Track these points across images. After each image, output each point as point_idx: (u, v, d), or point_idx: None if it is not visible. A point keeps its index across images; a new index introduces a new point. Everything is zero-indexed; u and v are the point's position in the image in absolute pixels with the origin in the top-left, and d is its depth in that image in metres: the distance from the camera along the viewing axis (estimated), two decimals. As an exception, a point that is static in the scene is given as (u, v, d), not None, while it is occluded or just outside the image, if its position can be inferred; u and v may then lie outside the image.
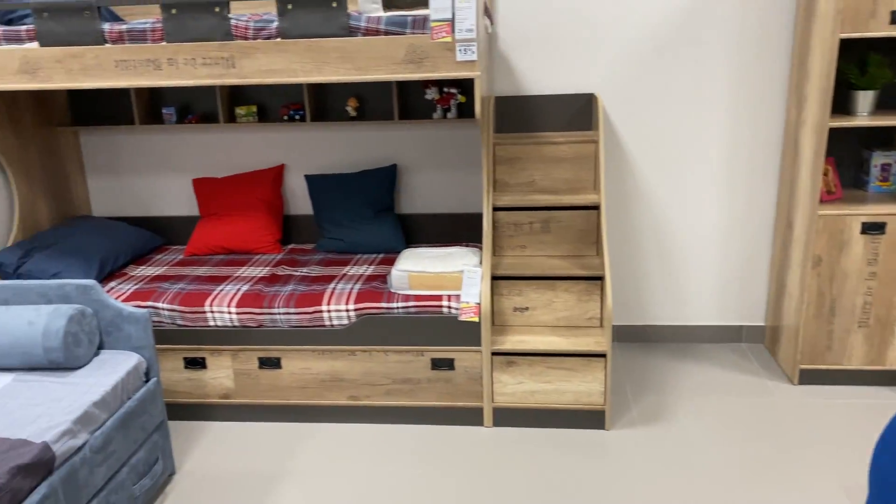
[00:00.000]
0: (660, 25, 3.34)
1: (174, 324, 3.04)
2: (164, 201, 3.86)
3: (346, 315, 2.96)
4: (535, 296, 3.05)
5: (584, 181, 3.29)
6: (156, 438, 2.60)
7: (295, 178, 3.75)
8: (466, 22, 2.56)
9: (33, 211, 3.44)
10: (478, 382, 2.98)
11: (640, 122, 3.47)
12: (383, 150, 3.64)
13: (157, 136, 3.76)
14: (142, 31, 2.70)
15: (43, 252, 3.21)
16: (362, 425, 3.07)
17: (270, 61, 2.67)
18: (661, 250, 3.63)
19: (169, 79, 2.71)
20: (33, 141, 3.44)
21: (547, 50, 3.41)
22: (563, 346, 2.91)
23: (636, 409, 3.13)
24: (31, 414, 2.16)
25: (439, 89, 3.41)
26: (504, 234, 3.21)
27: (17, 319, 2.42)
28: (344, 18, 2.61)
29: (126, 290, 3.12)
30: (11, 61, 2.75)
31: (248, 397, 3.10)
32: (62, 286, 2.54)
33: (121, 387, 2.41)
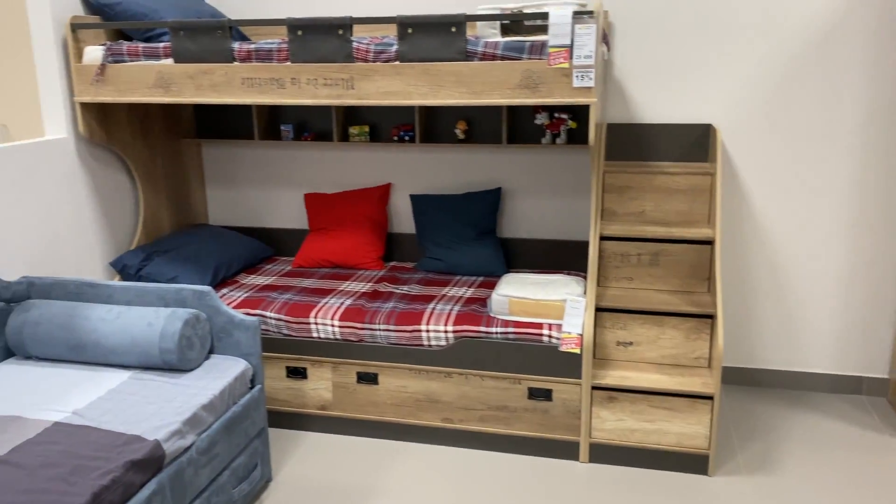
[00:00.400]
0: (787, 57, 3.19)
1: (280, 333, 3.12)
2: (276, 214, 4.00)
3: (445, 336, 2.96)
4: (640, 330, 2.95)
5: (698, 214, 3.17)
6: (256, 444, 2.67)
7: (401, 197, 3.81)
8: (585, 48, 2.53)
9: (156, 217, 3.64)
10: (575, 416, 2.90)
11: (761, 155, 3.32)
12: (489, 172, 3.64)
13: (274, 152, 3.91)
14: (268, 51, 2.82)
15: (162, 256, 3.38)
16: (454, 448, 3.05)
17: (388, 83, 2.72)
18: (776, 290, 3.45)
19: (291, 97, 2.82)
20: (160, 151, 3.65)
21: (664, 78, 3.33)
22: (669, 385, 2.79)
23: (742, 455, 2.96)
24: (145, 412, 2.26)
25: (550, 114, 3.39)
26: (610, 265, 3.13)
27: (139, 320, 2.55)
28: (462, 43, 2.63)
29: (237, 298, 3.24)
30: (149, 76, 2.93)
31: (344, 410, 3.14)
32: (180, 291, 2.66)
33: (228, 392, 2.49)
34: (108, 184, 3.36)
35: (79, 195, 3.18)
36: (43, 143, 2.99)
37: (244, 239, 3.79)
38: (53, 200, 3.04)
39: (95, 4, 3.13)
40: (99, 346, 2.55)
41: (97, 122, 3.19)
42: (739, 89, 3.27)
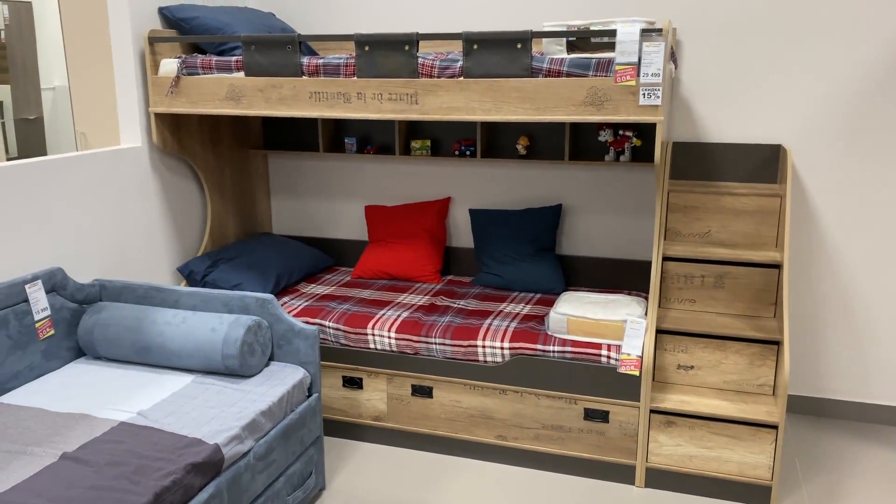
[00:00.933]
0: (861, 79, 3.08)
1: (337, 342, 3.16)
2: (338, 224, 4.06)
3: (500, 352, 2.94)
4: (702, 354, 2.88)
5: (766, 237, 3.08)
6: (311, 453, 2.70)
7: (460, 212, 3.82)
8: (653, 66, 2.50)
9: (222, 225, 3.74)
10: (632, 439, 2.84)
11: (833, 178, 3.21)
12: (549, 189, 3.62)
13: (337, 164, 3.97)
14: (336, 66, 2.87)
15: (228, 263, 3.46)
16: (508, 467, 3.02)
17: (452, 99, 2.74)
18: (846, 318, 3.32)
19: (356, 112, 2.86)
20: (229, 161, 3.75)
21: (732, 97, 3.26)
22: (731, 412, 2.71)
23: (806, 489, 2.85)
24: (206, 415, 2.32)
25: (614, 132, 3.35)
26: (672, 286, 3.07)
27: (203, 325, 2.61)
28: (527, 59, 2.63)
29: (297, 306, 3.29)
30: (221, 88, 3.02)
31: (398, 422, 3.15)
32: (243, 298, 2.72)
33: (286, 399, 2.53)
34: (178, 192, 3.48)
35: (150, 202, 3.29)
36: (118, 152, 3.11)
37: (306, 249, 3.86)
38: (126, 207, 3.15)
39: (172, 18, 3.25)
40: (164, 349, 2.63)
41: (170, 133, 3.30)
42: (811, 108, 3.18)
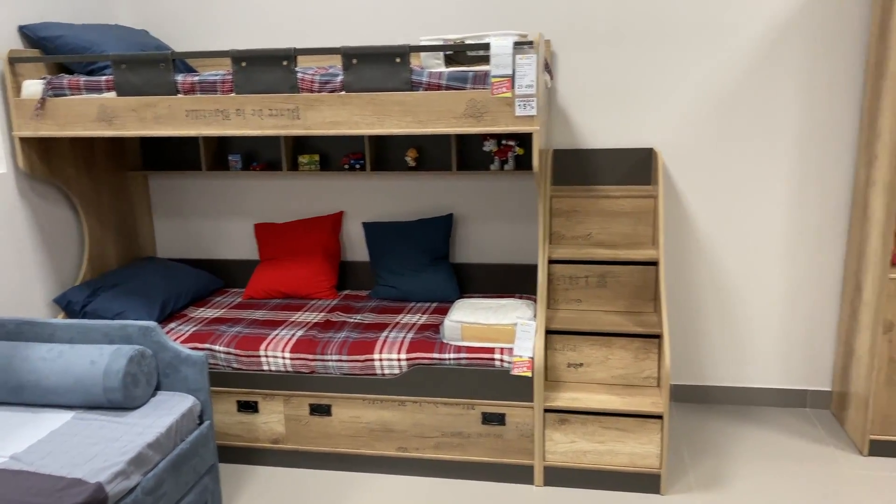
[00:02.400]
0: (722, 82, 3.30)
1: (229, 367, 3.08)
2: (226, 245, 3.96)
3: (398, 364, 2.95)
4: (590, 352, 2.99)
5: (643, 236, 3.24)
6: (206, 482, 2.62)
7: (353, 225, 3.81)
8: (526, 78, 2.58)
9: (102, 251, 3.57)
10: (529, 439, 2.92)
11: (702, 178, 3.41)
12: (440, 199, 3.67)
13: (223, 182, 3.88)
14: (212, 83, 2.81)
15: (109, 291, 3.31)
16: (410, 478, 3.03)
17: (334, 113, 2.74)
18: (721, 309, 3.53)
19: (236, 129, 2.81)
20: (106, 184, 3.59)
21: (606, 104, 3.41)
22: (619, 406, 2.83)
23: (693, 473, 3.01)
24: (87, 453, 2.21)
25: (498, 141, 3.44)
26: (559, 288, 3.18)
27: (81, 359, 2.49)
28: (406, 73, 2.67)
29: (185, 332, 3.18)
30: (91, 109, 2.89)
31: (298, 443, 3.10)
32: (124, 327, 2.61)
33: (175, 429, 2.44)
34: (52, 219, 3.29)
35: (20, 232, 3.10)
36: (-20, 180, 2.92)
37: (193, 271, 3.74)
38: (-8, 237, 2.97)
39: (34, 38, 3.09)
40: (39, 386, 2.48)
41: (38, 157, 3.13)
42: (679, 113, 3.37)
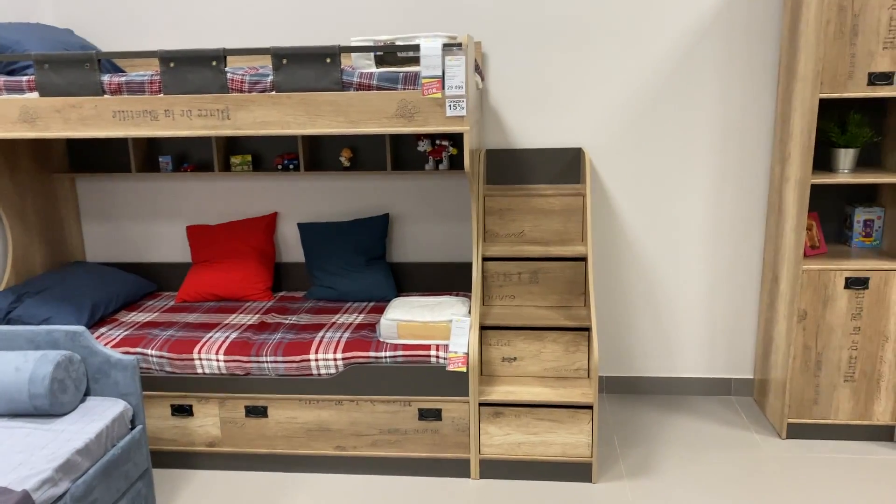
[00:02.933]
0: (646, 83, 3.43)
1: (162, 370, 3.04)
2: (158, 248, 3.89)
3: (334, 364, 2.97)
4: (523, 346, 3.06)
5: (573, 233, 3.34)
6: (139, 487, 2.59)
7: (288, 226, 3.80)
8: (456, 79, 2.63)
9: (27, 256, 3.47)
10: (465, 433, 2.97)
11: (628, 176, 3.54)
12: (376, 199, 3.70)
13: (153, 184, 3.82)
14: (140, 83, 2.77)
15: (34, 297, 3.22)
16: (349, 476, 3.05)
17: (265, 113, 2.73)
18: (649, 302, 3.66)
19: (165, 129, 2.78)
20: (30, 187, 3.49)
21: (536, 105, 3.50)
22: (550, 397, 2.91)
23: (623, 462, 3.11)
24: (12, 461, 2.16)
25: (432, 141, 3.48)
26: (493, 284, 3.24)
27: (5, 366, 2.43)
28: (337, 73, 2.69)
29: (116, 336, 3.13)
30: (12, 110, 2.81)
31: (234, 446, 3.08)
32: (51, 332, 2.56)
33: (105, 434, 2.41)
34: (-29, 223, 3.19)
35: (-63, 236, 3.00)
36: None
37: (124, 275, 3.67)
38: None
39: (-49, 36, 2.99)
40: (-39, 395, 2.41)
41: (-44, 159, 3.02)
42: (604, 114, 3.48)
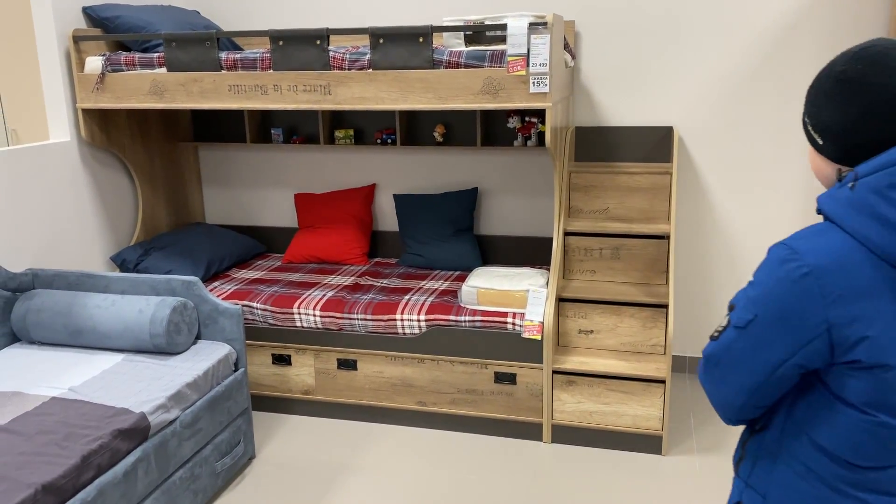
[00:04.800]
0: (743, 62, 3.39)
1: (266, 322, 3.35)
2: (268, 213, 4.24)
3: (418, 325, 3.17)
4: (599, 319, 3.15)
5: (659, 211, 3.37)
6: (239, 423, 2.90)
7: (384, 197, 4.03)
8: (540, 57, 2.74)
9: (154, 215, 3.88)
10: (538, 398, 3.11)
11: (719, 155, 3.51)
12: (466, 174, 3.86)
13: (266, 154, 4.15)
14: (252, 60, 3.05)
15: (159, 251, 3.62)
16: (428, 430, 3.26)
17: (362, 89, 2.95)
18: (734, 282, 3.63)
19: (273, 103, 3.05)
20: (158, 154, 3.90)
21: (628, 83, 3.54)
22: (623, 370, 2.99)
23: (696, 437, 3.15)
24: (134, 388, 2.50)
25: (521, 119, 3.60)
26: (574, 259, 3.34)
27: (131, 307, 2.78)
28: (429, 52, 2.85)
29: (227, 290, 3.47)
30: (144, 83, 3.17)
31: (326, 395, 3.36)
32: (170, 281, 2.90)
33: (211, 373, 2.72)
34: (110, 184, 3.61)
35: (81, 195, 3.43)
36: (47, 147, 3.24)
37: (237, 236, 4.03)
38: (57, 199, 3.29)
39: (96, 18, 3.38)
40: (95, 331, 2.79)
41: (98, 127, 3.44)
42: (698, 92, 3.47)
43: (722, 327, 1.21)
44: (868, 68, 1.09)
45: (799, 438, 1.18)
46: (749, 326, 1.15)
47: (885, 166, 1.06)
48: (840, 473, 1.14)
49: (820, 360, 1.11)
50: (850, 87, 1.10)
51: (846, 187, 1.11)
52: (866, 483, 1.13)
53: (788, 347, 1.11)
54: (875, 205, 1.06)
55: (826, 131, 1.15)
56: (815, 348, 1.10)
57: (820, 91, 1.15)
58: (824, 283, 1.07)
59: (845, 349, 1.08)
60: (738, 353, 1.17)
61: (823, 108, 1.14)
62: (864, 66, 1.09)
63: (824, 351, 1.10)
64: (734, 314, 1.18)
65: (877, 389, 1.08)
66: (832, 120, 1.13)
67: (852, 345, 1.07)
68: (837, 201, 1.11)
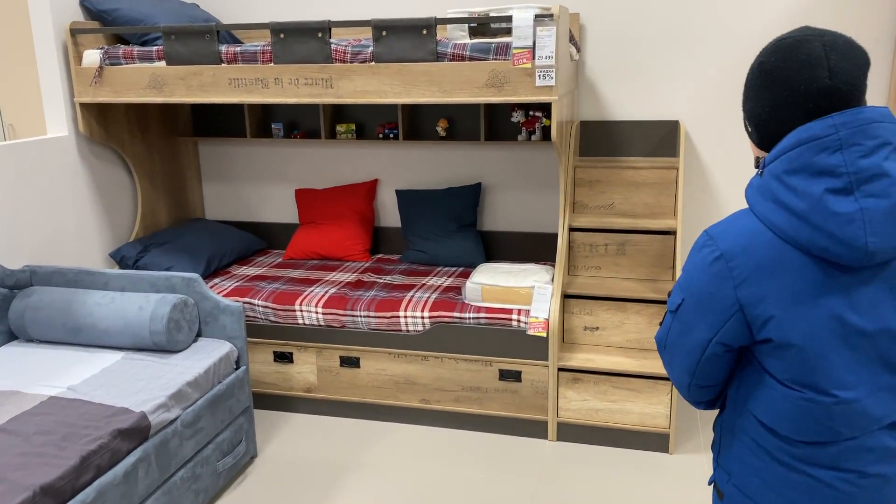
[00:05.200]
0: (749, 56, 3.34)
1: (267, 319, 3.31)
2: (269, 208, 4.19)
3: (422, 321, 3.13)
4: (605, 316, 3.11)
5: (664, 206, 3.33)
6: (241, 422, 2.86)
7: (387, 192, 3.99)
8: (546, 49, 2.69)
9: (154, 211, 3.84)
10: (543, 396, 3.07)
11: (726, 150, 3.47)
12: (469, 168, 3.82)
13: (266, 149, 4.10)
14: (253, 53, 3.00)
15: (159, 248, 3.57)
16: (431, 428, 3.22)
17: (365, 83, 2.90)
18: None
19: (274, 96, 3.00)
20: (158, 149, 3.85)
21: (633, 77, 3.49)
22: (629, 367, 2.95)
23: (704, 436, 3.11)
24: (134, 387, 2.45)
25: (525, 112, 3.55)
26: (579, 255, 3.29)
27: (130, 305, 2.74)
28: (433, 45, 2.81)
29: (228, 287, 3.43)
30: (143, 77, 3.12)
31: (328, 393, 3.32)
32: (169, 278, 2.85)
33: (213, 371, 2.68)
34: (109, 180, 3.57)
35: (80, 190, 3.38)
36: (45, 141, 3.19)
37: (238, 232, 3.99)
38: (56, 195, 3.24)
39: (94, 11, 3.33)
40: (95, 328, 2.75)
41: (97, 122, 3.39)
42: (704, 86, 3.43)
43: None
44: (780, 61, 1.14)
45: (745, 416, 1.23)
46: (679, 310, 1.24)
47: (783, 152, 1.12)
48: (784, 448, 1.18)
49: (741, 339, 1.18)
50: (766, 79, 1.16)
51: (757, 174, 1.18)
52: (810, 458, 1.17)
53: (711, 327, 1.18)
54: (775, 190, 1.12)
55: (750, 120, 1.22)
56: (732, 327, 1.16)
57: (747, 81, 1.22)
58: (733, 265, 1.14)
59: (758, 327, 1.14)
60: (675, 336, 1.26)
61: (748, 98, 1.21)
62: (777, 58, 1.14)
63: (742, 329, 1.16)
64: (670, 299, 1.27)
65: (793, 367, 1.13)
66: (754, 110, 1.20)
67: (763, 323, 1.13)
68: (752, 188, 1.18)
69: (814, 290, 1.10)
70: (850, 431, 1.13)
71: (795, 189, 1.10)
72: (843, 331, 1.11)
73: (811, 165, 1.09)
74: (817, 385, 1.12)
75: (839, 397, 1.12)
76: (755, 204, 1.16)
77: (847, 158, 1.08)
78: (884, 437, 1.15)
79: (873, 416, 1.13)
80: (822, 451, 1.16)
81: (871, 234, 1.07)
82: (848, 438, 1.14)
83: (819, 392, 1.12)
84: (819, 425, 1.14)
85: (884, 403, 1.14)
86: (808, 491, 1.17)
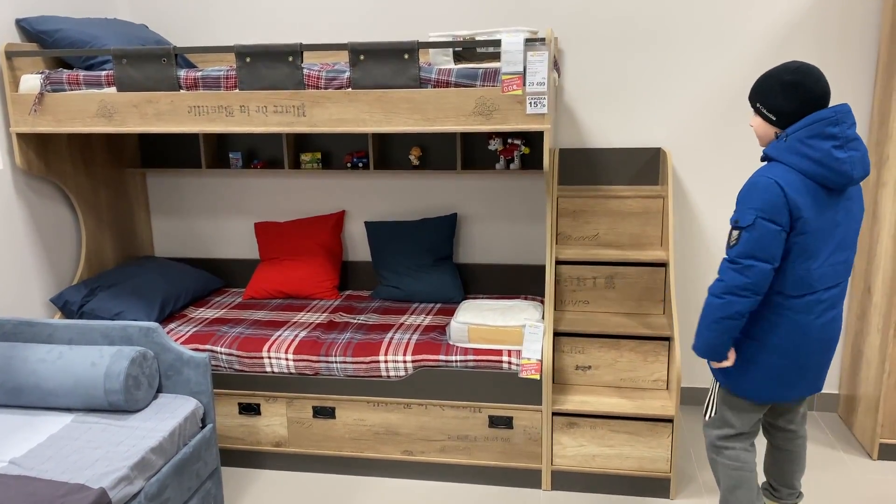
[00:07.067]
0: (731, 81, 3.27)
1: (231, 368, 3.02)
2: (226, 244, 3.89)
3: (404, 366, 2.90)
4: (598, 354, 2.95)
5: (651, 237, 3.20)
6: (209, 486, 2.56)
7: (355, 225, 3.75)
8: (538, 75, 2.54)
9: (99, 249, 3.50)
10: (537, 443, 2.87)
11: (711, 177, 3.38)
12: (444, 198, 3.62)
13: (222, 180, 3.82)
14: (216, 79, 2.75)
15: (106, 291, 3.24)
16: (415, 481, 2.98)
17: (341, 111, 2.68)
18: (728, 310, 3.49)
19: (240, 125, 2.75)
20: (103, 181, 3.52)
21: (614, 103, 3.37)
22: (628, 409, 2.79)
23: (702, 477, 2.97)
24: (89, 457, 2.15)
25: (503, 140, 3.39)
26: (566, 289, 3.13)
27: (82, 360, 2.43)
28: (415, 70, 2.62)
29: (185, 333, 3.12)
30: (91, 105, 2.83)
31: (300, 447, 3.04)
32: (125, 328, 2.55)
33: (178, 433, 2.39)
34: (49, 217, 3.23)
35: (16, 230, 3.04)
36: (-24, 176, 2.85)
37: (192, 271, 3.68)
38: (-12, 235, 2.89)
39: (32, 31, 3.02)
40: (39, 388, 2.42)
41: (35, 154, 3.06)
42: (687, 113, 3.34)
43: (734, 239, 2.05)
44: (803, 78, 2.03)
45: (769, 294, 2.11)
46: (756, 221, 2.01)
47: (804, 126, 2.01)
48: (783, 303, 2.10)
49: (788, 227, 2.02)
50: (795, 88, 2.03)
51: (782, 141, 2.05)
52: (795, 307, 2.10)
53: (781, 221, 2.00)
54: (800, 148, 2.01)
55: (777, 112, 2.07)
56: (787, 220, 2.01)
57: (773, 88, 2.07)
58: (782, 187, 2.00)
59: (794, 221, 2.01)
60: (757, 239, 2.02)
61: (777, 98, 2.06)
62: (800, 76, 2.03)
63: (789, 221, 2.01)
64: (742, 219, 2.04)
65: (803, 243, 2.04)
66: (777, 105, 2.06)
67: (796, 219, 2.01)
68: (778, 149, 2.06)
69: (823, 203, 2.03)
70: (820, 286, 2.08)
71: (813, 146, 1.99)
72: (832, 225, 2.05)
73: (822, 133, 1.99)
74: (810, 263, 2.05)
75: (818, 264, 2.06)
76: (784, 157, 2.04)
77: (841, 130, 1.99)
78: (827, 294, 2.11)
79: (827, 278, 2.09)
80: (800, 302, 2.08)
81: (853, 170, 2.00)
82: (812, 292, 2.08)
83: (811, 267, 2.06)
84: (802, 283, 2.06)
85: (835, 272, 2.10)
86: (791, 326, 2.11)
